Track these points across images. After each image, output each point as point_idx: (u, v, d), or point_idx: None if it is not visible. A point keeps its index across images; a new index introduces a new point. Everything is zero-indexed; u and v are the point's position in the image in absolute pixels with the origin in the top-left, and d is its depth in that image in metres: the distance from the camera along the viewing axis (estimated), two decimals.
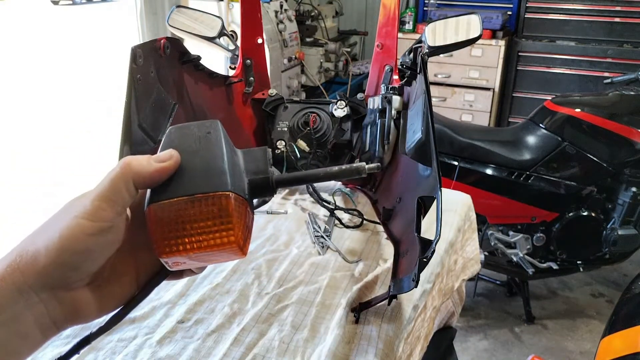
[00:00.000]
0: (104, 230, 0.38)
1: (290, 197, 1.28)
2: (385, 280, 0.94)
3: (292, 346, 0.78)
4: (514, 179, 2.03)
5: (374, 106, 1.17)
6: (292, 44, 3.18)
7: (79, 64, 7.71)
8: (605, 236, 2.06)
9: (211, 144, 0.41)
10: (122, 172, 0.39)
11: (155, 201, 0.39)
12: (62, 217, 0.39)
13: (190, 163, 0.40)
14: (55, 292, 0.38)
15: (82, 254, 0.38)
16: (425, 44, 1.07)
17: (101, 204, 0.38)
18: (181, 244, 0.39)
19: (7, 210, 3.33)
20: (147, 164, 0.40)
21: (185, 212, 0.39)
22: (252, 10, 1.29)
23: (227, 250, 0.40)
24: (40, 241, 0.38)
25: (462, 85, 3.40)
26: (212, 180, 0.40)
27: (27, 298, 0.37)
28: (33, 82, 6.70)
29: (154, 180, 0.40)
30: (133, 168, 0.40)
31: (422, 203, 0.78)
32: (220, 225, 0.39)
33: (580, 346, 2.16)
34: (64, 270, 0.38)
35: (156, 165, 0.40)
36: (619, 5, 3.22)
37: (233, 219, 0.39)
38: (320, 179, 0.44)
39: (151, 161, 0.40)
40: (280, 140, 1.22)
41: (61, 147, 4.40)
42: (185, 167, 0.40)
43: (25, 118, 5.21)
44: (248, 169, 0.43)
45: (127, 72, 0.86)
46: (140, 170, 0.40)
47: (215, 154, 0.41)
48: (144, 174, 0.40)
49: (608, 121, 1.95)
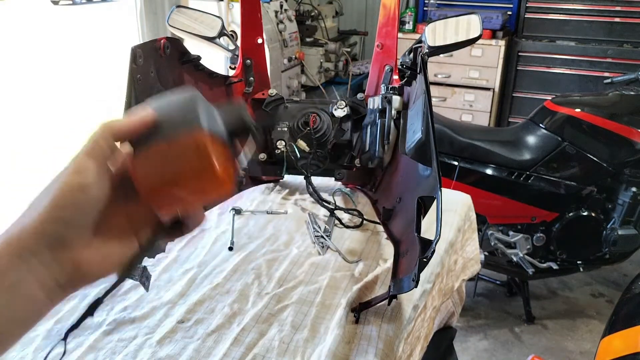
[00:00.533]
0: (89, 184, 0.41)
1: (290, 197, 1.28)
2: (385, 280, 0.94)
3: (292, 346, 0.79)
4: (514, 179, 2.03)
5: (374, 106, 1.17)
6: (292, 44, 3.18)
7: (79, 64, 7.71)
8: (605, 236, 2.06)
9: (186, 101, 0.45)
10: (101, 129, 0.43)
11: (136, 153, 0.43)
12: (51, 182, 0.41)
13: (167, 117, 0.44)
14: (54, 252, 0.39)
15: (71, 207, 0.40)
16: (425, 44, 1.07)
17: (82, 158, 0.41)
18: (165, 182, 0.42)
19: (7, 210, 3.33)
20: (125, 120, 0.43)
21: (165, 155, 0.42)
22: (252, 10, 1.29)
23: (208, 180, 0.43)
24: (31, 210, 0.40)
25: (462, 85, 3.40)
26: (188, 124, 0.43)
27: (27, 262, 0.38)
28: (33, 82, 6.70)
29: (132, 132, 0.43)
30: (111, 124, 0.43)
31: (422, 203, 0.78)
32: (199, 158, 0.42)
33: (580, 346, 2.16)
34: (57, 225, 0.39)
35: (133, 118, 0.43)
36: (619, 5, 3.22)
37: (209, 151, 0.42)
38: None
39: (129, 117, 0.44)
40: (281, 140, 1.22)
41: (61, 147, 4.40)
42: (162, 121, 0.44)
43: (25, 118, 5.21)
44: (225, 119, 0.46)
45: (127, 72, 0.86)
46: (117, 125, 0.43)
47: (190, 107, 0.45)
48: (121, 127, 0.43)
49: (608, 121, 1.95)
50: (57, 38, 9.87)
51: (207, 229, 1.15)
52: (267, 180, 1.34)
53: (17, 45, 9.14)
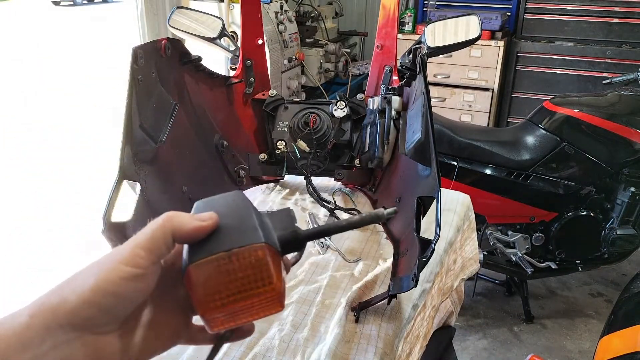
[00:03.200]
0: (137, 277, 0.40)
1: (290, 197, 1.29)
2: (384, 280, 0.94)
3: (292, 345, 0.79)
4: (513, 179, 2.03)
5: (374, 106, 1.17)
6: (292, 45, 3.19)
7: (79, 64, 7.70)
8: (604, 236, 2.07)
9: (239, 207, 0.44)
10: (163, 224, 0.41)
11: (194, 261, 0.41)
12: (101, 261, 0.40)
13: (223, 224, 0.42)
14: (82, 334, 0.38)
15: (114, 296, 0.39)
16: (424, 44, 1.08)
17: (139, 251, 0.40)
18: (224, 297, 0.40)
19: (7, 210, 3.34)
20: (188, 220, 0.42)
21: (224, 268, 0.40)
22: (253, 11, 1.29)
23: (267, 299, 0.41)
24: (76, 283, 0.39)
25: (462, 86, 3.41)
26: (246, 235, 0.41)
27: (54, 337, 0.37)
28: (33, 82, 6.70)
29: (192, 237, 0.42)
30: (174, 222, 0.41)
31: (422, 203, 0.79)
32: (258, 275, 0.40)
33: (579, 345, 2.16)
34: (94, 310, 0.38)
35: (197, 222, 0.42)
36: (618, 6, 3.23)
37: (270, 268, 0.41)
38: (343, 228, 0.46)
39: (192, 218, 0.42)
40: (281, 141, 1.23)
41: (61, 147, 4.41)
42: (219, 228, 0.42)
43: (24, 118, 5.21)
44: (275, 227, 0.45)
45: (129, 72, 0.86)
46: (180, 225, 0.41)
47: (244, 214, 0.43)
48: (184, 229, 0.41)
49: (607, 121, 1.95)
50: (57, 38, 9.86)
51: None
52: (267, 180, 1.35)
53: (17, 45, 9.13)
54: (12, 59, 8.14)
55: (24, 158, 4.19)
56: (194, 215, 0.43)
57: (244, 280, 0.40)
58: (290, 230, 0.45)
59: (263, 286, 0.40)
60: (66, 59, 8.15)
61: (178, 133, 1.01)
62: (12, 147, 4.45)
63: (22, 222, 3.15)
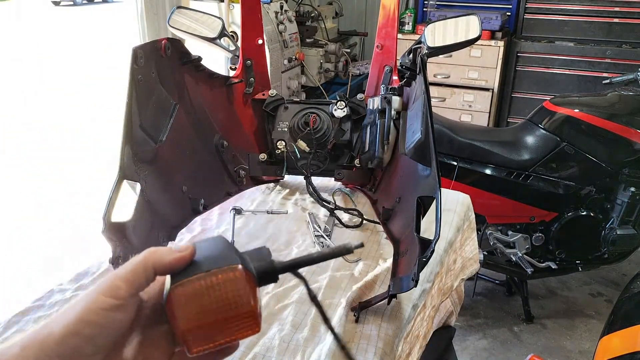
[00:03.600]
0: (117, 307, 0.42)
1: (290, 197, 1.29)
2: (384, 280, 0.94)
3: (292, 345, 0.79)
4: (513, 179, 2.03)
5: (374, 106, 1.17)
6: (292, 45, 3.19)
7: (79, 64, 7.70)
8: (604, 236, 2.07)
9: (217, 243, 0.48)
10: (144, 257, 0.44)
11: (174, 283, 0.44)
12: (87, 293, 0.43)
13: (203, 254, 0.46)
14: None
15: (96, 326, 0.41)
16: (424, 44, 1.08)
17: (119, 282, 0.43)
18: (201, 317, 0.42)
19: (7, 210, 3.34)
20: (168, 252, 0.45)
21: (202, 287, 0.43)
22: (253, 11, 1.30)
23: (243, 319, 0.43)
24: (62, 317, 0.42)
25: (462, 86, 3.40)
26: (224, 260, 0.45)
27: None
28: (33, 82, 6.70)
29: (173, 267, 0.45)
30: (155, 255, 0.45)
31: (422, 203, 0.79)
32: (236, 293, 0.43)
33: (579, 345, 2.16)
34: (79, 340, 0.41)
35: (176, 253, 0.45)
36: (618, 6, 3.23)
37: (246, 287, 0.43)
38: (314, 260, 0.49)
39: (172, 250, 0.45)
40: (281, 141, 1.23)
41: (61, 147, 4.41)
42: (198, 257, 0.45)
43: (24, 118, 5.21)
44: (253, 260, 0.47)
45: (129, 72, 0.86)
46: (161, 257, 0.44)
47: (223, 247, 0.47)
48: (165, 261, 0.44)
49: (607, 121, 1.95)
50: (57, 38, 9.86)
51: (207, 229, 1.15)
52: (267, 180, 1.35)
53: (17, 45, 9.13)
54: (12, 59, 8.14)
55: (24, 158, 4.19)
56: (173, 248, 0.46)
57: (221, 299, 0.43)
58: (267, 262, 0.47)
59: (241, 306, 0.43)
60: (66, 59, 8.15)
61: (178, 133, 1.01)
62: (12, 147, 4.46)
63: (22, 222, 3.15)
